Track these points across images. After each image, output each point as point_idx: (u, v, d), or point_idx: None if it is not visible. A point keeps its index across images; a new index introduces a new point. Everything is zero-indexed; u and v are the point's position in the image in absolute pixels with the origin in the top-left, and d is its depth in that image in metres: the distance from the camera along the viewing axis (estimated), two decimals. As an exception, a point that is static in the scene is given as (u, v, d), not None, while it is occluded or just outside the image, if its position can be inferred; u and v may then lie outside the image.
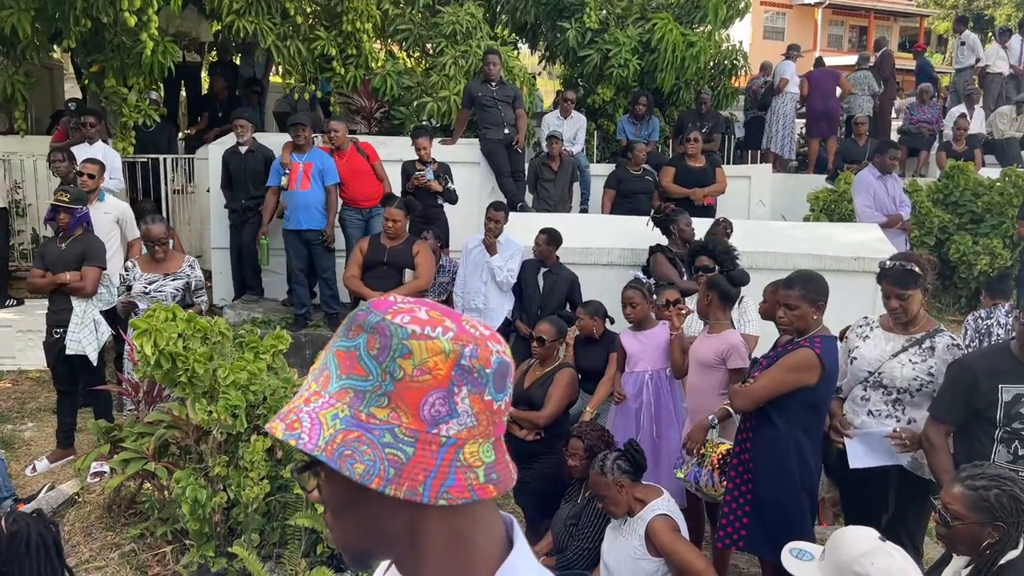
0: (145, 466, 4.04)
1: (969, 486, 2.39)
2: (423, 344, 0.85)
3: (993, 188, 8.55)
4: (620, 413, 4.70)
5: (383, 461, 0.84)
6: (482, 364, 0.87)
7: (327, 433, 0.84)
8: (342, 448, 0.84)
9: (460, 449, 0.86)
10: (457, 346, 0.86)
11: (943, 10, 32.57)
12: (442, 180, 6.89)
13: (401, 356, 0.85)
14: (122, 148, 7.50)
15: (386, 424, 0.85)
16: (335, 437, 0.84)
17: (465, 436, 0.86)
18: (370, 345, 0.86)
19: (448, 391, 0.85)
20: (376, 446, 0.84)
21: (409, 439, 0.84)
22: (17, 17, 6.64)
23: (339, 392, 0.86)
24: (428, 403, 0.85)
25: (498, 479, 0.88)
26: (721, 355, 4.05)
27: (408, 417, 0.85)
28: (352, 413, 0.85)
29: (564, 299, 5.83)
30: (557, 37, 9.69)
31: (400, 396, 0.85)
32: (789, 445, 3.43)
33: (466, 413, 0.86)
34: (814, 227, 7.63)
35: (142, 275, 5.19)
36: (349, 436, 0.84)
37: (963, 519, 2.36)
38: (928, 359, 3.50)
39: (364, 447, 0.84)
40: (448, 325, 0.87)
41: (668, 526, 3.20)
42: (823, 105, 10.46)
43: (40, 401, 6.22)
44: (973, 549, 2.39)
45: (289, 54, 8.00)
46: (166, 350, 3.80)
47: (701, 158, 7.86)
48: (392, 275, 5.78)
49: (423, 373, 0.85)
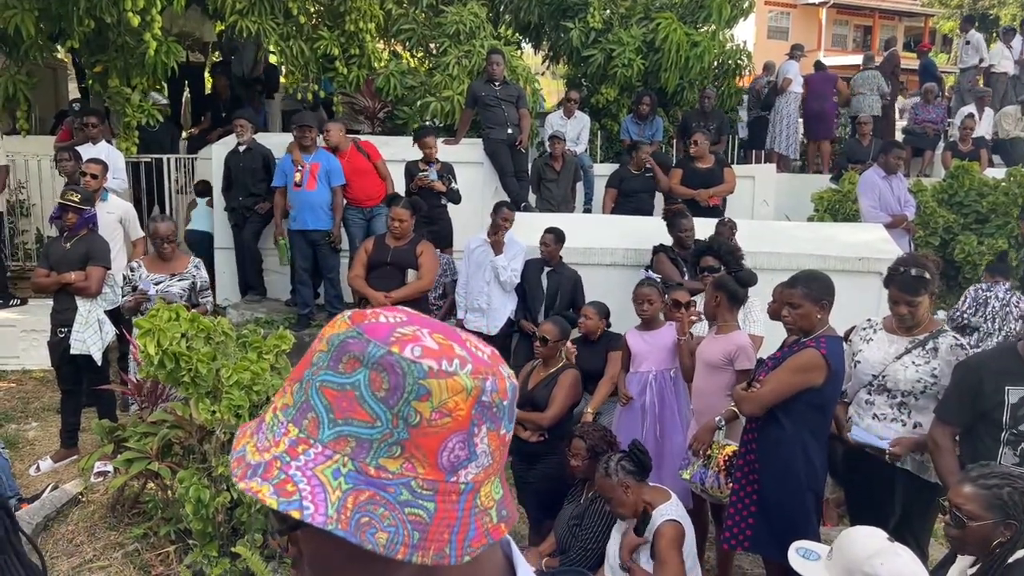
0: (148, 466, 4.03)
1: (981, 485, 2.37)
2: (443, 384, 0.73)
3: (998, 188, 8.51)
4: (625, 413, 4.70)
5: (405, 524, 0.71)
6: (500, 397, 0.76)
7: (334, 497, 0.71)
8: (357, 515, 0.71)
9: (477, 494, 0.76)
10: (478, 381, 0.74)
11: (948, 10, 32.51)
12: (446, 180, 6.89)
13: (417, 399, 0.72)
14: (125, 148, 7.50)
15: (400, 478, 0.72)
16: (344, 501, 0.71)
17: (482, 478, 0.76)
18: (375, 385, 0.72)
19: (468, 433, 0.74)
20: (394, 506, 0.72)
21: (428, 492, 0.73)
22: (20, 17, 6.65)
23: (335, 441, 0.72)
24: (448, 449, 0.73)
25: (507, 515, 0.79)
26: (729, 356, 4.04)
27: (425, 467, 0.73)
28: (358, 467, 0.72)
29: (569, 298, 5.84)
30: (561, 37, 9.68)
31: (416, 444, 0.72)
32: (795, 446, 3.42)
33: (484, 453, 0.76)
34: (818, 227, 7.61)
35: (148, 275, 5.20)
36: (360, 498, 0.71)
37: (978, 519, 2.34)
38: (931, 360, 3.47)
39: (381, 509, 0.71)
40: (461, 354, 0.75)
41: (673, 535, 3.19)
42: (818, 107, 10.56)
43: (44, 401, 6.23)
44: (983, 549, 2.36)
45: (292, 54, 8.00)
46: (169, 350, 3.80)
47: (709, 158, 7.84)
48: (396, 275, 5.78)
49: (443, 416, 0.73)
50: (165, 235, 5.22)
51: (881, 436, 3.55)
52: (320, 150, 6.81)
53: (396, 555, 0.71)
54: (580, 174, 8.35)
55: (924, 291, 3.45)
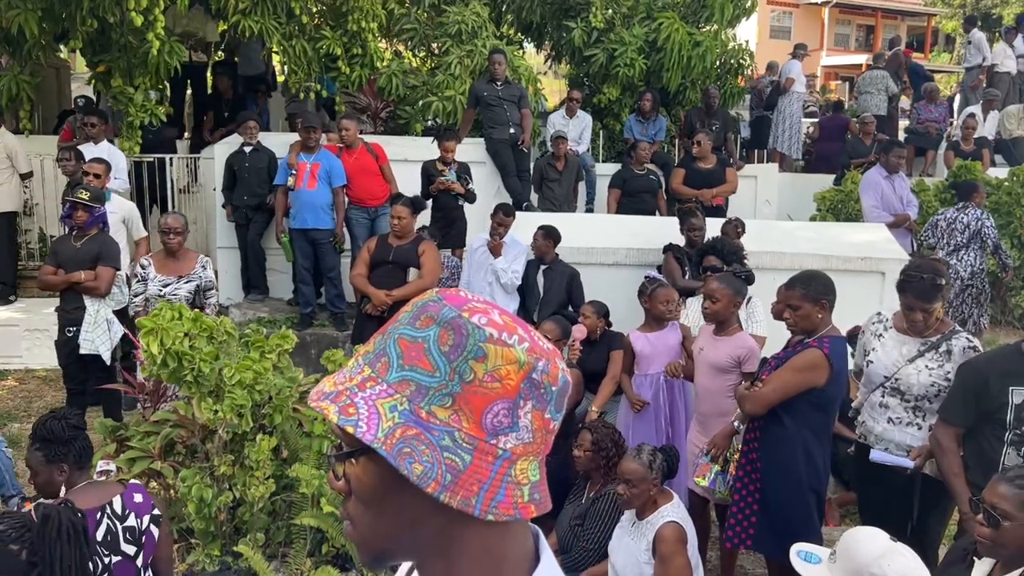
0: (151, 465, 4.04)
1: (1019, 485, 2.33)
2: (499, 350, 0.82)
3: (1001, 188, 8.51)
4: (636, 416, 4.68)
5: (440, 465, 0.80)
6: (550, 381, 0.84)
7: (386, 425, 0.80)
8: (401, 444, 0.80)
9: (513, 464, 0.83)
10: (532, 358, 0.83)
11: (950, 9, 32.44)
12: (463, 180, 6.90)
13: (475, 358, 0.81)
14: (128, 148, 7.51)
15: (446, 426, 0.81)
16: (394, 431, 0.80)
17: (520, 452, 0.83)
18: (442, 340, 0.82)
19: (514, 403, 0.82)
20: (435, 447, 0.80)
21: (468, 446, 0.81)
22: (24, 17, 6.66)
23: (399, 383, 0.82)
24: (492, 412, 0.82)
25: (540, 500, 0.85)
26: (737, 359, 4.01)
27: (469, 423, 0.81)
28: (412, 408, 0.81)
29: (564, 296, 5.82)
30: (563, 36, 9.67)
31: (466, 399, 0.81)
32: (797, 445, 3.41)
33: (526, 428, 0.83)
34: (821, 227, 7.60)
35: (157, 276, 5.20)
36: (408, 432, 0.80)
37: (1013, 519, 2.30)
38: (945, 364, 3.44)
39: (423, 447, 0.80)
40: (522, 335, 0.84)
41: (676, 537, 3.18)
42: (828, 150, 10.79)
43: (47, 400, 6.24)
44: (1019, 551, 2.31)
45: (294, 53, 8.00)
46: (172, 349, 3.81)
47: (711, 158, 7.84)
48: (397, 274, 5.77)
49: (493, 380, 0.81)
50: (172, 227, 5.22)
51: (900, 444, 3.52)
52: (323, 150, 6.83)
53: (427, 488, 0.79)
54: (582, 174, 8.35)
55: (940, 297, 3.44)
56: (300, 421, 4.06)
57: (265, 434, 3.87)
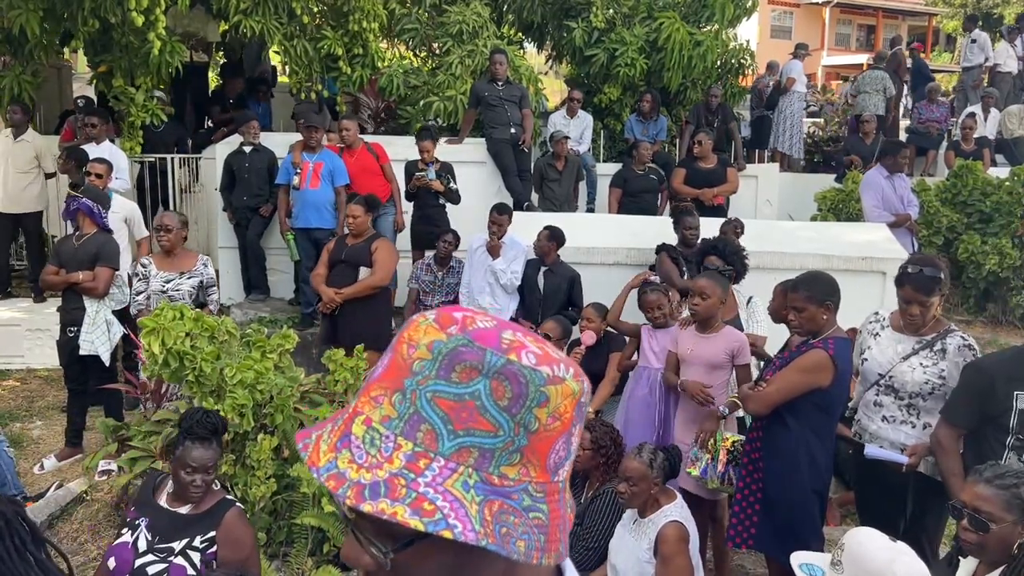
0: (153, 464, 4.04)
1: (998, 485, 2.29)
2: (558, 389, 0.74)
3: (1002, 187, 8.50)
4: (632, 411, 4.69)
5: (532, 530, 0.73)
6: (587, 396, 0.79)
7: (473, 511, 0.71)
8: (498, 526, 0.71)
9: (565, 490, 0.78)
10: (580, 384, 0.77)
11: (951, 9, 32.40)
12: (444, 180, 6.90)
13: (538, 405, 0.73)
14: (130, 148, 7.52)
15: (520, 484, 0.73)
16: (483, 514, 0.71)
17: (569, 473, 0.79)
18: (497, 394, 0.72)
19: (569, 433, 0.77)
20: (520, 513, 0.73)
21: (540, 495, 0.75)
22: (25, 17, 6.67)
23: (457, 453, 0.72)
24: (555, 451, 0.76)
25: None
26: (731, 352, 4.03)
27: (537, 470, 0.74)
28: (482, 477, 0.72)
29: (566, 298, 5.82)
30: (564, 36, 9.67)
31: (533, 449, 0.74)
32: (799, 446, 3.42)
33: (575, 450, 0.79)
34: (822, 227, 7.60)
35: (158, 273, 5.20)
36: (494, 508, 0.72)
37: (999, 520, 2.26)
38: (939, 362, 3.44)
39: (512, 517, 0.72)
40: (558, 357, 0.77)
41: (678, 536, 3.18)
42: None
43: (48, 399, 6.24)
44: (1004, 552, 2.27)
45: (296, 53, 8.01)
46: (174, 349, 3.81)
47: (712, 158, 7.84)
48: (348, 273, 5.70)
49: (555, 420, 0.75)
50: (165, 224, 5.17)
51: (894, 442, 3.53)
52: (325, 150, 6.84)
53: (531, 560, 0.72)
54: (583, 174, 8.35)
55: (938, 291, 3.43)
56: (301, 421, 4.07)
57: (266, 434, 3.88)
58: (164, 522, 2.83)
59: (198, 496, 2.83)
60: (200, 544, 2.80)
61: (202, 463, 2.80)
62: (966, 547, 2.37)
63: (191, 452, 2.81)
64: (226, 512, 2.87)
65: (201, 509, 2.86)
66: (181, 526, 2.82)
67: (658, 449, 3.36)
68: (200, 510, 2.86)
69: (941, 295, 3.48)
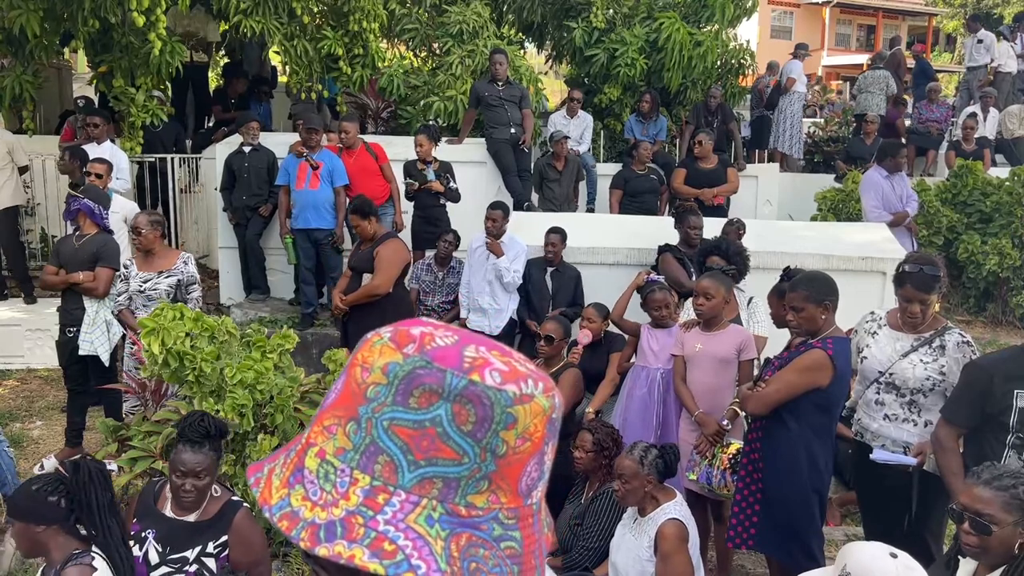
0: (153, 464, 4.04)
1: (997, 487, 2.28)
2: (526, 408, 0.68)
3: (1002, 187, 8.50)
4: (630, 410, 4.69)
5: (505, 561, 0.68)
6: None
7: (438, 548, 0.65)
8: (466, 562, 0.66)
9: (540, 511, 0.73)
10: (550, 400, 0.70)
11: (952, 9, 32.40)
12: (443, 179, 6.89)
13: (505, 428, 0.67)
14: (130, 148, 7.52)
15: (489, 513, 0.68)
16: (449, 550, 0.66)
17: (543, 493, 0.73)
18: (459, 419, 0.66)
19: (542, 453, 0.71)
20: (490, 544, 0.67)
21: (512, 521, 0.69)
22: (26, 17, 6.67)
23: (419, 484, 0.66)
24: (527, 473, 0.70)
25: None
26: (739, 347, 4.07)
27: (507, 496, 0.69)
28: (448, 509, 0.66)
29: (571, 297, 5.84)
30: (564, 36, 9.68)
31: (502, 475, 0.68)
32: (799, 445, 3.42)
33: (548, 469, 0.73)
34: (822, 227, 7.60)
35: (138, 273, 5.19)
36: (460, 542, 0.66)
37: (1001, 523, 2.25)
38: (939, 358, 3.46)
39: (481, 550, 0.67)
40: (525, 371, 0.70)
41: (677, 534, 3.19)
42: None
43: (48, 400, 6.25)
44: (1006, 554, 2.26)
45: (296, 53, 8.02)
46: (174, 349, 3.81)
47: (713, 158, 7.84)
48: (355, 279, 5.70)
49: (525, 441, 0.68)
50: (135, 226, 5.10)
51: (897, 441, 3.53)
52: (324, 150, 6.84)
53: None
54: (583, 174, 8.35)
55: (937, 289, 3.45)
56: (301, 421, 4.06)
57: (266, 434, 3.87)
58: (172, 532, 2.81)
59: (190, 501, 2.81)
60: (214, 550, 2.79)
61: (191, 467, 2.77)
62: (968, 550, 2.36)
63: (181, 455, 2.79)
64: (235, 514, 2.86)
65: (209, 515, 2.85)
66: (191, 534, 2.81)
67: (651, 447, 3.37)
68: (208, 516, 2.84)
69: (939, 293, 3.48)
